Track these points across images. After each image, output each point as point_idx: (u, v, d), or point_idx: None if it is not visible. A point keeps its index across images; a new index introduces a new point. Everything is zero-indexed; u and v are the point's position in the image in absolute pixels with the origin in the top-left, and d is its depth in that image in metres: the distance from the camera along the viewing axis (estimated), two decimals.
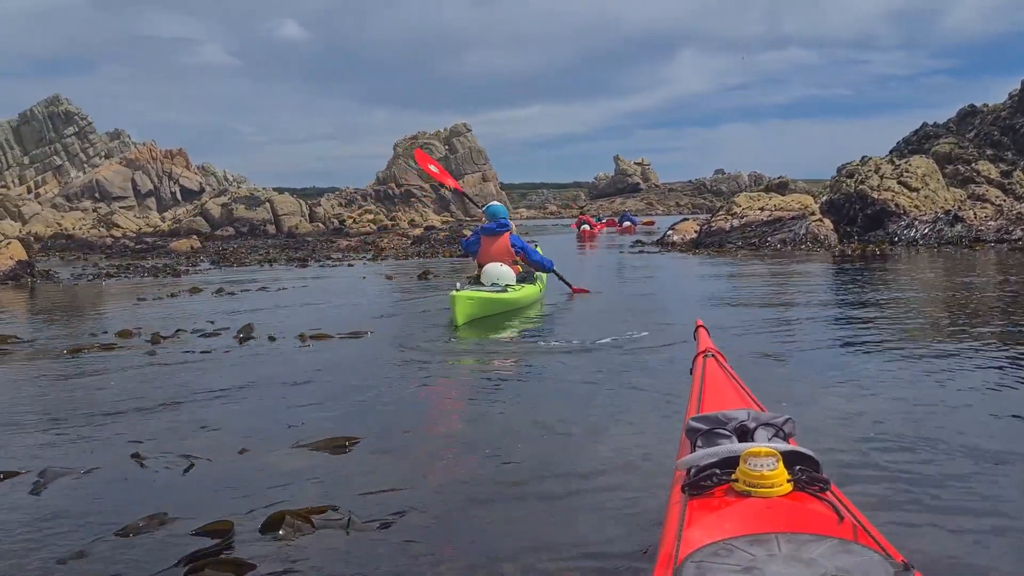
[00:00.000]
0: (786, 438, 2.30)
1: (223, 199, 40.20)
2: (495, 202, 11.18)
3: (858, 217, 20.38)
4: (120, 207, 64.89)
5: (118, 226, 50.72)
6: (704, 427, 2.32)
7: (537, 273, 10.22)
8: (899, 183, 20.60)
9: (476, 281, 9.28)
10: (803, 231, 19.96)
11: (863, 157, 22.24)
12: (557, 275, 10.59)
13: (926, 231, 19.20)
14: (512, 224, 9.97)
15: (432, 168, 12.98)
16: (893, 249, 17.79)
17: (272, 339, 7.63)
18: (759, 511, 1.89)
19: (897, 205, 19.88)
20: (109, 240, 30.23)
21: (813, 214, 20.51)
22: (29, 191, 67.72)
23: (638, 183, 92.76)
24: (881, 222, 19.77)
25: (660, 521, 2.20)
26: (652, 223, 37.98)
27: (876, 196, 20.20)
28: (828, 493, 1.97)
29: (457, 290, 8.35)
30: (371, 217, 39.96)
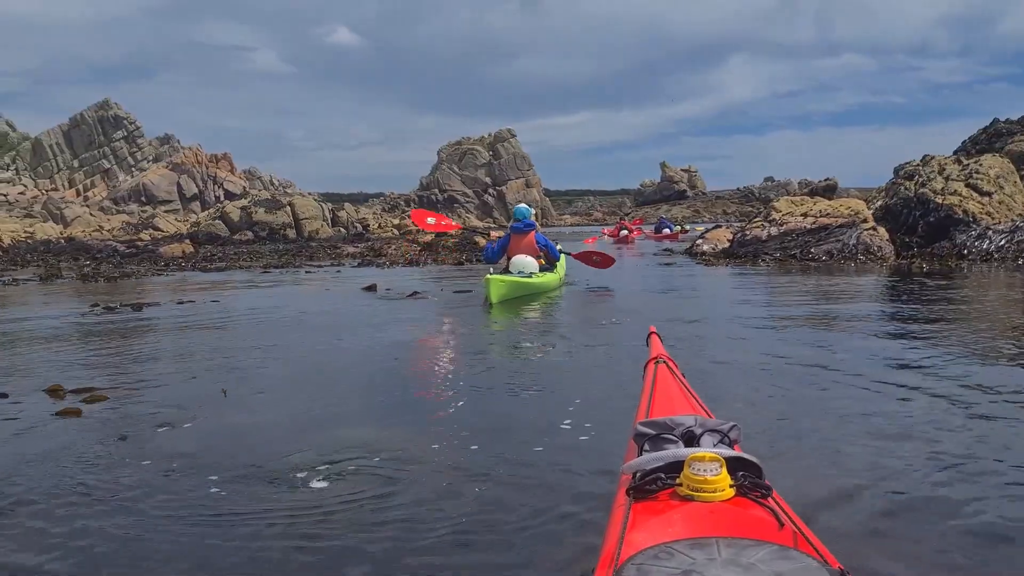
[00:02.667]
0: (731, 444, 2.26)
1: (243, 202, 38.06)
2: (522, 204, 12.20)
3: (918, 225, 16.96)
4: (165, 211, 63.92)
5: (159, 229, 49.37)
6: (651, 432, 2.29)
7: (557, 263, 11.39)
8: (967, 186, 17.12)
9: (505, 271, 10.41)
10: (853, 241, 16.62)
11: (924, 156, 18.78)
12: (574, 256, 12.71)
13: (1002, 242, 15.70)
14: (537, 224, 11.59)
15: (430, 221, 14.45)
16: (962, 264, 14.40)
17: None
18: (701, 515, 1.87)
19: (965, 212, 16.40)
20: (112, 243, 28.12)
21: (865, 221, 17.14)
22: (78, 194, 67.28)
23: (684, 190, 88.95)
24: (946, 231, 16.33)
25: (604, 524, 2.10)
26: (685, 231, 34.90)
27: (940, 201, 16.76)
28: (770, 499, 1.95)
29: (490, 275, 9.58)
30: (396, 222, 37.38)
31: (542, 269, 10.77)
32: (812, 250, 16.74)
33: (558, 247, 11.76)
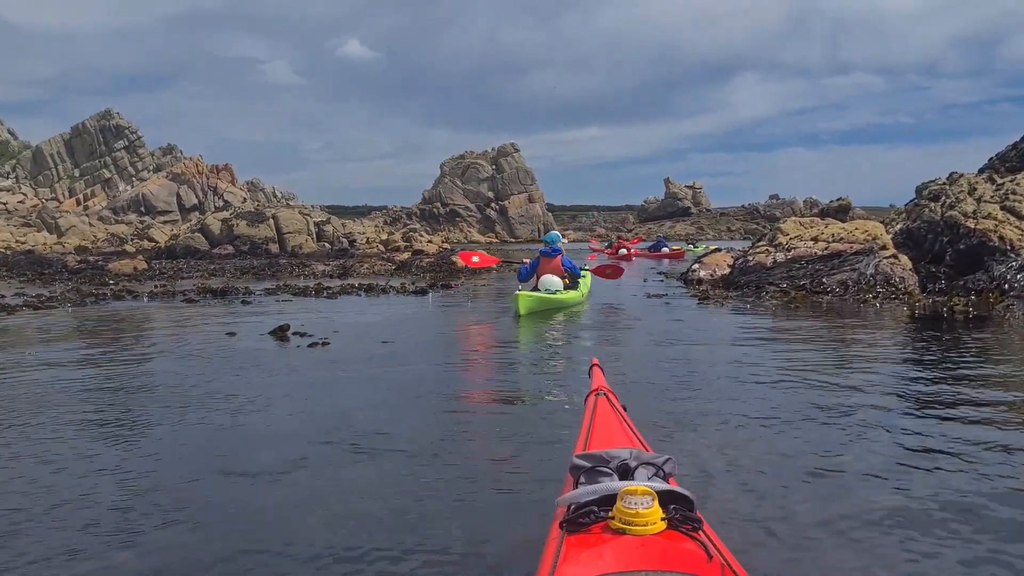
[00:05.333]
0: (666, 478, 2.21)
1: (224, 214, 35.68)
2: (554, 231, 13.94)
3: (946, 253, 14.38)
4: (164, 221, 61.75)
5: (153, 240, 47.15)
6: (587, 465, 2.23)
7: (580, 281, 12.72)
8: (1003, 208, 14.56)
9: (534, 289, 11.85)
10: (871, 271, 14.03)
11: (952, 174, 16.21)
12: (592, 271, 14.81)
13: None
14: (563, 249, 12.86)
15: (475, 260, 16.56)
16: (1009, 304, 11.74)
17: None
18: (632, 549, 1.82)
19: (1002, 238, 13.78)
20: (67, 257, 25.76)
21: (884, 248, 14.56)
22: (78, 203, 65.28)
23: (688, 207, 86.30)
24: (980, 261, 13.74)
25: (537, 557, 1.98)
26: (688, 250, 32.58)
27: (972, 225, 14.16)
28: (700, 532, 1.91)
29: (519, 291, 11.36)
30: (384, 237, 34.92)
31: (566, 287, 12.07)
32: (824, 280, 14.15)
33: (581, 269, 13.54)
